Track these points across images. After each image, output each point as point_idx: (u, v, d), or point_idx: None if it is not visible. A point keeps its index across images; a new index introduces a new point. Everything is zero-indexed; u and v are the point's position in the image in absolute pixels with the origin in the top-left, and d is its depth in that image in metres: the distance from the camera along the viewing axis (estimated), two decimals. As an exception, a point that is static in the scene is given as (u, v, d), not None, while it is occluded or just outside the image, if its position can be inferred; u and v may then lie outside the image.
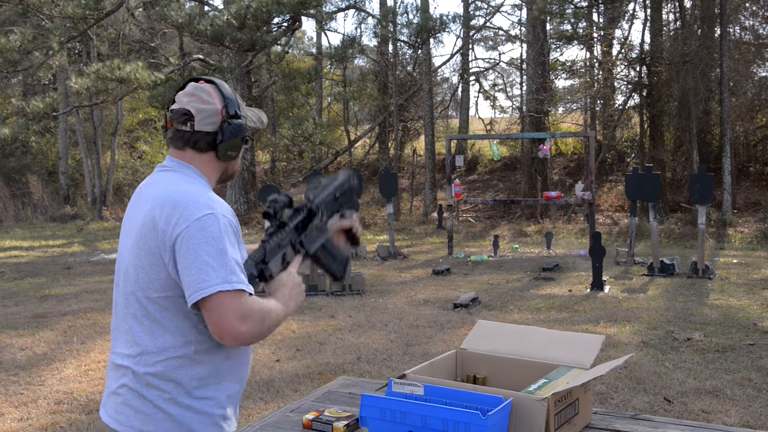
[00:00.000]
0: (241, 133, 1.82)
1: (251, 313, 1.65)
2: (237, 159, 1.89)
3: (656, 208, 10.54)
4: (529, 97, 19.15)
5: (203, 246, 1.64)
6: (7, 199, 19.32)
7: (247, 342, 1.69)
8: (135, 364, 1.73)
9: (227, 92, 1.83)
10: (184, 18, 13.52)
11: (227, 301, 1.62)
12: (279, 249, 1.86)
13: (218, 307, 1.62)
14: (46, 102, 13.56)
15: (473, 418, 1.56)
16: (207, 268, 1.63)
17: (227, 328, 1.63)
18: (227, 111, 1.80)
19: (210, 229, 1.66)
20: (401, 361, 5.64)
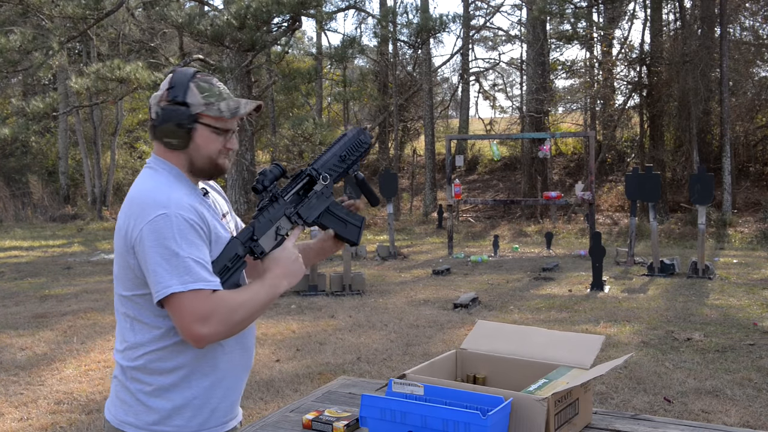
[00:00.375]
0: (173, 118, 1.75)
1: (213, 312, 1.64)
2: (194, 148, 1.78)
3: (656, 208, 10.54)
4: (529, 97, 19.16)
5: (156, 248, 1.65)
6: (7, 199, 19.32)
7: (213, 342, 1.68)
8: (122, 359, 1.78)
9: (177, 79, 1.77)
10: (184, 18, 13.52)
11: (184, 303, 1.63)
12: (271, 223, 1.81)
13: (176, 310, 1.64)
14: (46, 102, 13.56)
15: (473, 418, 1.56)
16: (161, 270, 1.64)
17: (187, 331, 1.64)
18: (168, 96, 1.76)
19: (162, 231, 1.65)
20: (401, 361, 5.64)
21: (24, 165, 21.87)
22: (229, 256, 1.77)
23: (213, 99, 1.78)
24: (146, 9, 17.90)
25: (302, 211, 1.87)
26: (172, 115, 1.75)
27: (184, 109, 1.75)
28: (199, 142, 1.79)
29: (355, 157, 1.94)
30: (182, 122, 1.75)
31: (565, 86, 24.98)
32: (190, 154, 1.80)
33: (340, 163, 1.92)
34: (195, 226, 1.70)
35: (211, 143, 1.79)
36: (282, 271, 1.78)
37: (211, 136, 1.79)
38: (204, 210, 1.77)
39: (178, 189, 1.75)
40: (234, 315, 1.67)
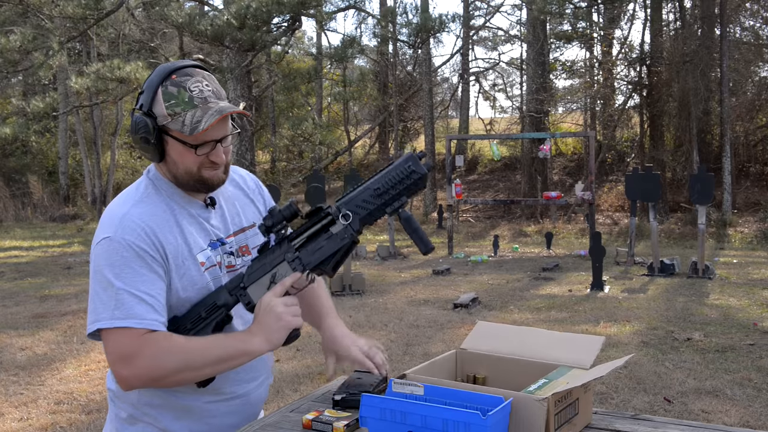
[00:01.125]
0: (139, 131, 1.54)
1: (137, 354, 1.47)
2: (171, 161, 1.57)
3: (656, 208, 10.55)
4: (529, 97, 19.16)
5: (94, 275, 1.52)
6: (7, 199, 19.32)
7: (135, 387, 1.54)
8: (108, 379, 1.73)
9: (149, 82, 1.55)
10: (184, 18, 13.52)
11: (109, 340, 1.49)
12: (266, 268, 1.56)
13: (104, 345, 1.51)
14: (46, 102, 13.58)
15: (473, 418, 1.56)
16: (96, 300, 1.51)
17: (112, 367, 1.52)
18: (138, 103, 1.56)
19: (102, 257, 1.51)
20: (401, 361, 5.64)
21: (24, 165, 21.87)
22: (206, 304, 1.56)
23: (179, 109, 1.52)
24: (146, 9, 17.90)
25: (304, 255, 1.56)
26: (138, 127, 1.54)
27: (149, 120, 1.53)
28: (173, 155, 1.56)
29: (399, 190, 1.50)
30: (147, 136, 1.53)
31: (565, 86, 24.98)
32: (168, 167, 1.59)
33: (375, 198, 1.51)
34: (141, 253, 1.51)
35: (185, 157, 1.55)
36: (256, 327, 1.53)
37: (183, 150, 1.54)
38: (170, 234, 1.56)
39: (141, 205, 1.57)
40: (164, 361, 1.48)
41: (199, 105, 1.52)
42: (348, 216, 1.52)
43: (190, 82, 1.53)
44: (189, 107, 1.52)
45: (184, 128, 1.51)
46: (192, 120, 1.50)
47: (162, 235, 1.55)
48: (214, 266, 1.62)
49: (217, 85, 1.58)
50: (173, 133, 1.53)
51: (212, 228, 1.66)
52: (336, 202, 1.55)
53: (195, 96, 1.52)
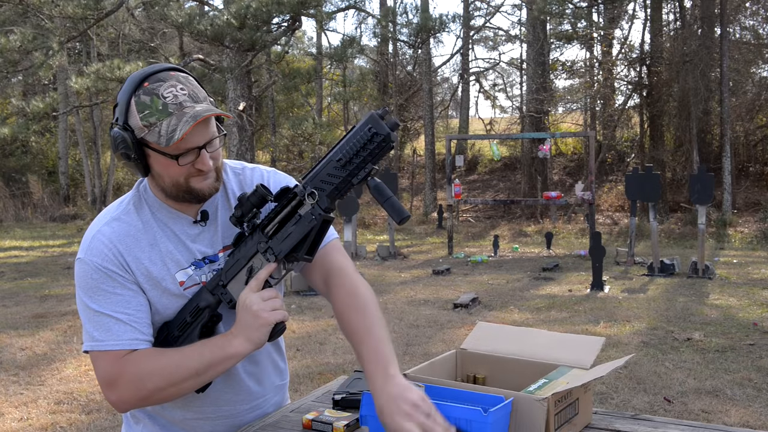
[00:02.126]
0: (119, 148, 1.43)
1: (119, 377, 1.44)
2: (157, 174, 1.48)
3: (656, 208, 10.55)
4: (529, 97, 19.16)
5: (77, 295, 1.50)
6: (7, 199, 19.32)
7: (127, 409, 1.51)
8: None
9: (122, 93, 1.44)
10: (184, 18, 13.52)
11: (94, 363, 1.48)
12: (241, 263, 1.48)
13: (93, 366, 1.49)
14: (46, 102, 13.57)
15: (474, 415, 1.56)
16: (84, 319, 1.50)
17: (103, 393, 1.50)
18: (114, 116, 1.47)
19: (77, 278, 1.49)
20: (401, 361, 5.63)
21: (24, 165, 21.87)
22: (190, 308, 1.51)
23: (153, 119, 1.40)
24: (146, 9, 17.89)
25: (274, 243, 1.46)
26: (117, 142, 1.43)
27: (127, 135, 1.42)
28: (157, 168, 1.46)
29: (363, 157, 1.39)
30: (127, 152, 1.43)
31: (565, 86, 25.00)
32: (155, 180, 1.50)
33: (339, 170, 1.40)
34: (110, 274, 1.46)
35: (170, 169, 1.45)
36: (237, 327, 1.44)
37: (166, 162, 1.43)
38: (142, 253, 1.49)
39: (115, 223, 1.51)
40: (145, 382, 1.43)
41: (174, 112, 1.40)
42: (314, 194, 1.41)
43: (162, 88, 1.41)
44: (164, 116, 1.40)
45: (161, 139, 1.39)
46: (168, 129, 1.39)
47: (130, 256, 1.49)
48: (197, 284, 1.55)
49: (194, 86, 1.46)
50: (152, 146, 1.42)
51: (196, 246, 1.56)
52: (302, 180, 1.45)
53: (169, 103, 1.40)
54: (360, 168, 1.39)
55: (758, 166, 17.52)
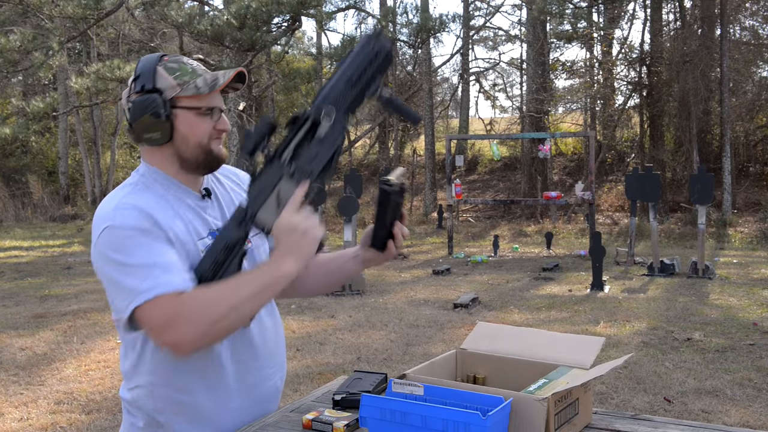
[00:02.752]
0: (146, 109, 1.51)
1: (176, 315, 1.42)
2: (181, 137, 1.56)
3: (656, 208, 10.55)
4: (529, 97, 19.16)
5: (107, 264, 1.48)
6: (7, 199, 19.32)
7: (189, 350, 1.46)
8: (121, 388, 1.70)
9: (142, 66, 1.55)
10: (184, 18, 13.53)
11: (146, 315, 1.44)
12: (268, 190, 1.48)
13: (143, 324, 1.46)
14: (46, 102, 13.58)
15: (473, 418, 1.56)
16: (116, 289, 1.46)
17: (160, 342, 1.47)
18: (135, 87, 1.54)
19: (110, 244, 1.48)
20: (401, 361, 5.64)
21: (24, 165, 21.88)
22: (218, 249, 1.51)
23: (186, 77, 1.54)
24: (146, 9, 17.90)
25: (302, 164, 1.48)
26: (145, 105, 1.51)
27: (156, 96, 1.52)
28: (184, 129, 1.55)
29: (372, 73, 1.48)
30: (158, 110, 1.51)
31: (565, 86, 24.99)
32: (176, 146, 1.57)
33: (351, 88, 1.46)
34: (144, 230, 1.48)
35: (197, 127, 1.56)
36: (282, 248, 1.48)
37: (195, 120, 1.55)
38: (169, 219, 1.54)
39: (132, 196, 1.55)
40: (207, 313, 1.43)
41: (203, 73, 1.56)
42: (331, 111, 1.44)
43: (184, 59, 1.58)
44: (195, 76, 1.55)
45: (201, 89, 1.53)
46: (206, 81, 1.54)
47: (160, 218, 1.51)
48: None
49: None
50: (185, 102, 1.54)
51: (210, 218, 1.64)
52: (312, 103, 1.47)
53: (196, 68, 1.57)
54: (370, 83, 1.46)
55: (758, 166, 17.52)
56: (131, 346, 1.61)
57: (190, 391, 1.61)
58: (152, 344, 1.56)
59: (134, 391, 1.63)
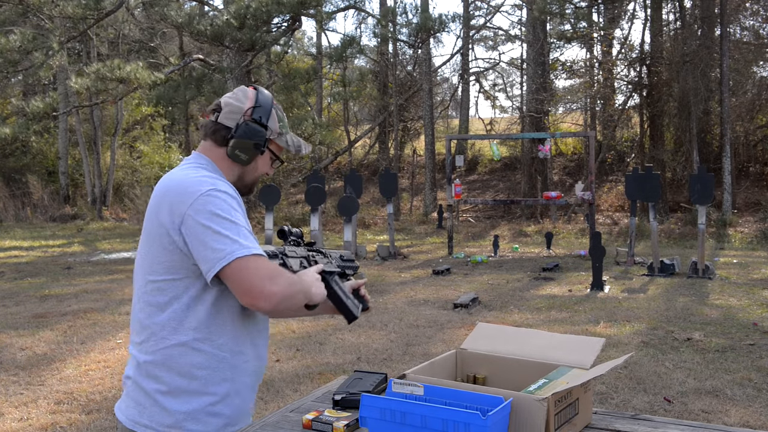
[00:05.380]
0: (254, 138, 1.83)
1: (279, 273, 1.66)
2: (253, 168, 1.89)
3: (656, 208, 10.55)
4: (529, 97, 19.16)
5: (213, 219, 1.65)
6: (7, 199, 19.32)
7: (282, 304, 1.66)
8: (139, 352, 1.76)
9: (263, 100, 1.86)
10: (184, 18, 13.53)
11: (252, 264, 1.63)
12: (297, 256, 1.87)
13: (243, 272, 1.63)
14: (46, 102, 13.57)
15: (473, 418, 1.56)
16: (221, 239, 1.64)
17: (258, 290, 1.62)
18: (252, 113, 1.83)
19: (216, 202, 1.67)
20: (401, 361, 5.64)
21: (24, 165, 21.87)
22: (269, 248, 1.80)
23: (284, 130, 1.90)
24: (146, 9, 17.89)
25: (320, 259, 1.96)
26: (254, 133, 1.83)
27: (263, 131, 1.84)
28: (259, 164, 1.89)
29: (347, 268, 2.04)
30: (260, 143, 1.84)
31: (565, 86, 24.99)
32: (245, 170, 1.87)
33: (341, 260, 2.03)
34: (238, 203, 1.74)
35: (265, 167, 1.90)
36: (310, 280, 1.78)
37: (267, 162, 1.90)
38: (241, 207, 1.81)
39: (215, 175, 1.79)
40: (294, 285, 1.69)
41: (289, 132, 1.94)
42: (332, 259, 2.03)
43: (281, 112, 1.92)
44: (287, 131, 1.92)
45: (290, 146, 1.91)
46: (294, 142, 1.93)
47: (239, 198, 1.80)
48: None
49: None
50: (273, 147, 1.90)
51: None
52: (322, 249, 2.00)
53: (287, 123, 1.94)
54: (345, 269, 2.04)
55: (758, 166, 17.52)
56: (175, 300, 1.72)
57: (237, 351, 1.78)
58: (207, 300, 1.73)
59: (169, 350, 1.72)
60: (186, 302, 1.72)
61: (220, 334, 1.75)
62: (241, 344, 1.80)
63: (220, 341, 1.75)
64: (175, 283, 1.71)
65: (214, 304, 1.74)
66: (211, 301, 1.73)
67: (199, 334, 1.72)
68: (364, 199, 18.97)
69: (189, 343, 1.72)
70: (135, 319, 1.79)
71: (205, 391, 1.74)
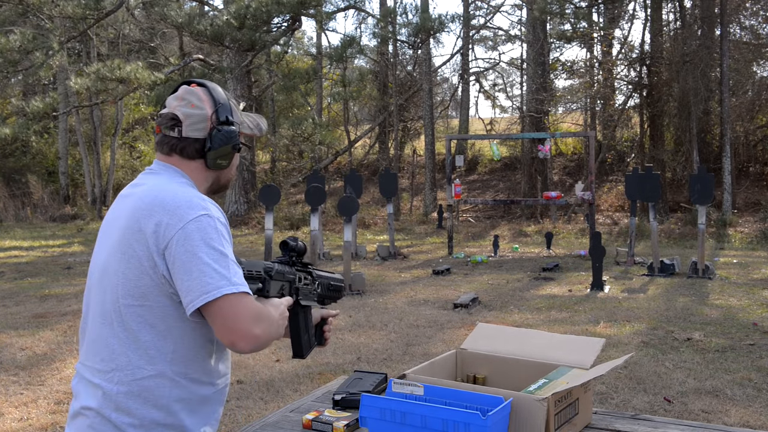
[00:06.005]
0: (231, 141, 1.71)
1: (262, 314, 1.57)
2: (230, 168, 1.78)
3: (656, 208, 10.55)
4: (529, 97, 19.16)
5: (202, 248, 1.53)
6: (7, 199, 19.31)
7: (262, 345, 1.58)
8: (107, 381, 1.59)
9: (219, 96, 1.72)
10: (184, 18, 13.52)
11: (238, 303, 1.52)
12: (283, 278, 1.79)
13: (228, 310, 1.52)
14: (46, 102, 13.57)
15: (473, 418, 1.56)
16: (209, 271, 1.52)
17: (242, 331, 1.52)
18: (217, 117, 1.70)
19: (208, 230, 1.56)
20: (401, 361, 5.64)
21: (24, 165, 21.86)
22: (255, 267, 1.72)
23: (242, 116, 1.79)
24: (146, 9, 17.89)
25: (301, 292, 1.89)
26: (230, 137, 1.71)
27: (235, 129, 1.73)
28: (234, 159, 1.78)
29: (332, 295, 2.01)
30: (237, 143, 1.73)
31: (565, 86, 24.97)
32: (220, 172, 1.77)
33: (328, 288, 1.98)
34: (227, 230, 1.64)
35: (237, 159, 1.80)
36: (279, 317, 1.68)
37: (237, 154, 1.79)
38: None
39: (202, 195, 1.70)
40: (273, 325, 1.61)
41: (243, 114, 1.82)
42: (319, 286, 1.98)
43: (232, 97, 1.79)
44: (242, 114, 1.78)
45: (254, 130, 1.80)
46: (254, 123, 1.81)
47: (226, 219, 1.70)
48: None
49: None
50: (242, 138, 1.76)
51: None
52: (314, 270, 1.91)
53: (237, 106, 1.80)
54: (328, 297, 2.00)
55: (758, 166, 17.52)
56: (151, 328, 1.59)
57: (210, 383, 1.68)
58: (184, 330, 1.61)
59: (146, 381, 1.58)
60: (163, 331, 1.59)
61: (196, 366, 1.64)
62: (215, 375, 1.70)
63: (195, 374, 1.64)
64: (152, 311, 1.57)
65: (191, 335, 1.62)
66: (188, 331, 1.61)
67: (176, 366, 1.60)
68: (364, 199, 18.96)
69: (166, 374, 1.59)
70: (102, 344, 1.61)
71: (180, 425, 1.62)
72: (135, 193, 1.68)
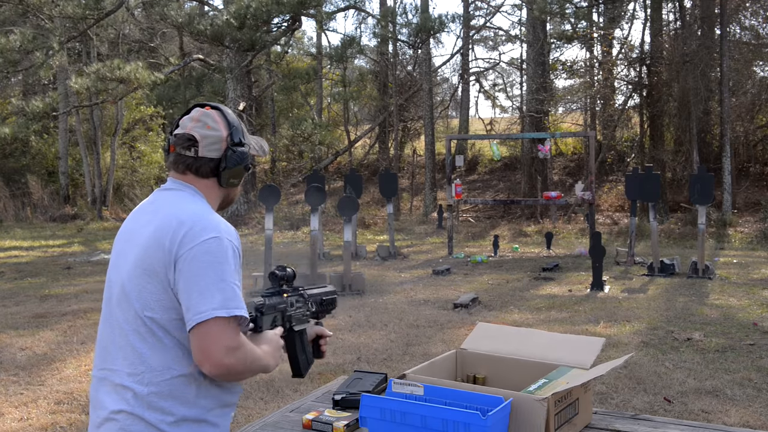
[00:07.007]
0: (244, 161, 1.82)
1: (240, 347, 1.62)
2: (238, 186, 1.89)
3: (656, 208, 10.54)
4: (529, 97, 19.16)
5: (206, 270, 1.62)
6: (7, 199, 19.31)
7: (228, 376, 1.65)
8: (137, 383, 1.68)
9: (233, 119, 1.83)
10: (184, 18, 13.53)
11: (220, 329, 1.60)
12: (275, 311, 1.84)
13: (208, 334, 1.59)
14: (46, 102, 13.58)
15: (473, 418, 1.56)
16: (207, 293, 1.61)
17: (213, 357, 1.60)
18: (232, 138, 1.81)
19: (214, 253, 1.64)
20: (401, 361, 5.64)
21: (24, 165, 21.85)
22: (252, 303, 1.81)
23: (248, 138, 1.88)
24: (146, 9, 17.90)
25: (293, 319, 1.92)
26: (243, 158, 1.81)
27: (246, 150, 1.83)
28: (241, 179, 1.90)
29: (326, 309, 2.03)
30: (248, 164, 1.84)
31: (565, 86, 24.95)
32: (230, 190, 1.88)
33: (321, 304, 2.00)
34: (238, 254, 1.72)
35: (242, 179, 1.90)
36: (272, 350, 1.77)
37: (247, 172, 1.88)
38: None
39: (217, 215, 1.79)
40: (253, 362, 1.66)
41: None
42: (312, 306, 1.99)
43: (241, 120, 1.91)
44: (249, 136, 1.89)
45: (259, 151, 1.89)
46: (259, 145, 1.90)
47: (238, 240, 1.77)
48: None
49: None
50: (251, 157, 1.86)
51: None
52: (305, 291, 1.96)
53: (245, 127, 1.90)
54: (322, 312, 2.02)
55: (758, 166, 17.51)
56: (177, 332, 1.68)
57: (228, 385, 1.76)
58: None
59: (176, 380, 1.67)
60: (187, 336, 1.67)
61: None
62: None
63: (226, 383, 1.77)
64: (173, 322, 1.67)
65: None
66: None
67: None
68: (364, 199, 18.95)
69: (193, 374, 1.69)
70: (129, 349, 1.70)
71: (205, 420, 1.72)
72: (154, 210, 1.77)
